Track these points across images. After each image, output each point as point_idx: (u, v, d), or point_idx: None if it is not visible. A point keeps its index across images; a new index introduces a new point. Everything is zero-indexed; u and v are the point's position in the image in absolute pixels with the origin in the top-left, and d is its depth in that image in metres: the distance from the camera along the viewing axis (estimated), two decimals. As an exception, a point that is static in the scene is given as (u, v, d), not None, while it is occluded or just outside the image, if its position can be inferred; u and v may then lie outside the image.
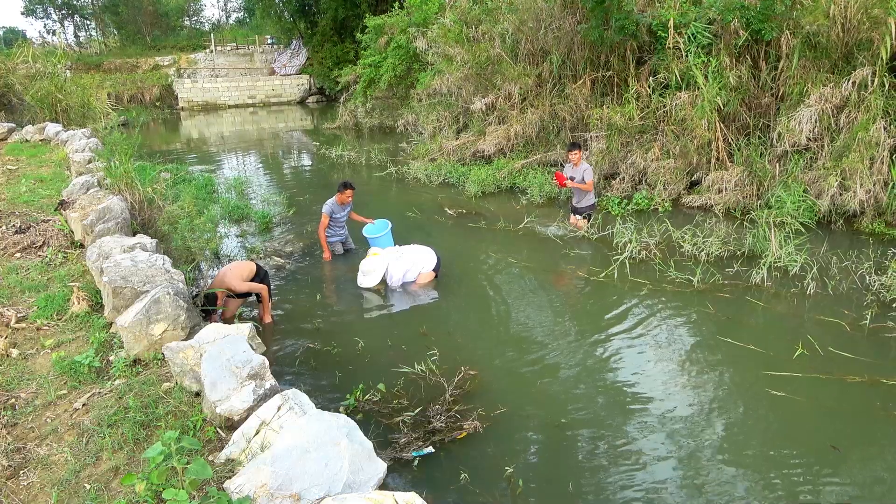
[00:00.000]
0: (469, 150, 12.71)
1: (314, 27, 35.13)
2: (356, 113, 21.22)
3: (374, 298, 6.52)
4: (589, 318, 5.96)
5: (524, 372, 4.97)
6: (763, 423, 4.22)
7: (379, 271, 6.53)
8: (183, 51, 38.46)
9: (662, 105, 9.91)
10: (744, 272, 6.58)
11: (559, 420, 4.27)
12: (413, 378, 4.78)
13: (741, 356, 5.05)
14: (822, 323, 5.52)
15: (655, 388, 4.65)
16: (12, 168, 10.43)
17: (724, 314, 5.79)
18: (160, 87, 33.28)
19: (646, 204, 9.25)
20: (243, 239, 8.57)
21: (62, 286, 5.16)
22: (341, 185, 7.54)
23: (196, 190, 10.63)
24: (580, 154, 8.27)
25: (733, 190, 8.80)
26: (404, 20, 18.03)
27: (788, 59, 9.06)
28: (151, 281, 4.39)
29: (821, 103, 8.39)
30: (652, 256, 7.14)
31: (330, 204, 7.46)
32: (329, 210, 7.44)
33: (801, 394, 4.44)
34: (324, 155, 15.96)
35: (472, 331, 5.78)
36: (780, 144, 8.77)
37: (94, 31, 50.46)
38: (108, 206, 6.05)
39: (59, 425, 3.33)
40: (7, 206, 7.75)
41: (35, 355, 4.13)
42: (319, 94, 35.45)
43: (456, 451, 3.91)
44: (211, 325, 3.96)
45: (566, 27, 11.59)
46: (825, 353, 4.96)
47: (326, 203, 7.47)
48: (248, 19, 52.43)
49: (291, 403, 3.05)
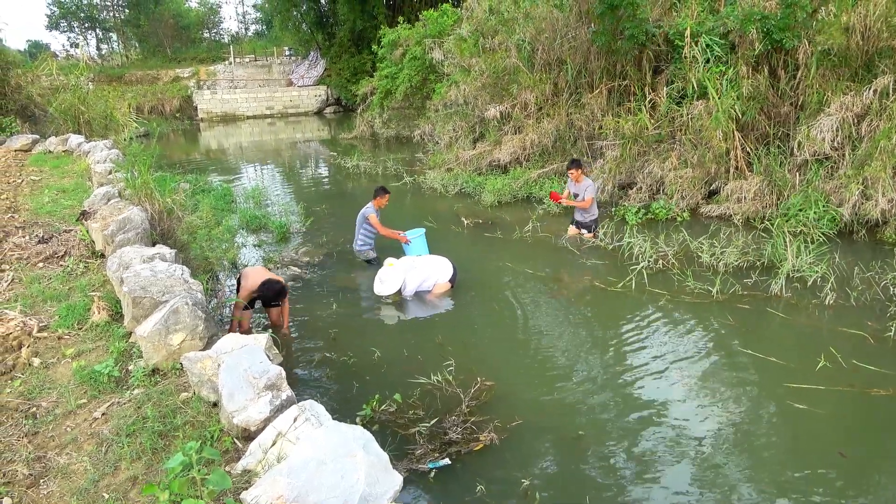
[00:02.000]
0: (485, 160, 12.72)
1: (332, 39, 35.48)
2: (373, 123, 21.34)
3: (390, 308, 6.54)
4: (606, 329, 5.91)
5: (541, 383, 4.94)
6: (786, 437, 4.15)
7: (396, 280, 6.53)
8: (202, 63, 38.99)
9: (679, 114, 9.87)
10: (763, 283, 6.51)
11: (576, 432, 4.24)
12: (429, 388, 4.77)
13: (762, 368, 4.97)
14: (845, 335, 5.43)
15: (674, 400, 4.59)
16: (36, 179, 10.62)
17: (744, 325, 5.71)
18: (180, 98, 33.74)
19: (663, 213, 9.19)
20: (261, 249, 8.63)
21: (83, 296, 5.22)
22: (380, 189, 7.68)
23: (214, 200, 10.74)
24: (579, 172, 8.25)
25: (752, 199, 8.70)
26: (420, 32, 18.15)
27: (807, 68, 8.99)
28: (170, 291, 4.43)
29: (841, 112, 8.31)
30: (670, 266, 7.09)
31: (372, 208, 7.56)
32: (375, 212, 7.55)
33: (825, 407, 4.37)
34: (340, 165, 16.06)
35: (489, 341, 5.76)
36: (800, 153, 8.68)
37: (115, 43, 51.34)
38: (128, 217, 6.13)
39: (79, 434, 3.36)
40: (30, 217, 7.88)
41: (56, 364, 4.18)
42: (336, 104, 35.72)
43: (472, 462, 3.89)
44: (229, 335, 3.98)
45: (582, 37, 11.60)
46: (848, 366, 4.88)
47: (368, 209, 7.56)
48: (267, 31, 53.08)
49: (308, 414, 3.05)
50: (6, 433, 3.39)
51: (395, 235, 7.71)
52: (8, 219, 7.75)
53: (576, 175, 8.25)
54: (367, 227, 7.61)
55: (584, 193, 8.20)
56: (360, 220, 7.64)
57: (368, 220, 7.54)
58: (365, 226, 7.61)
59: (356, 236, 7.73)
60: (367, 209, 7.58)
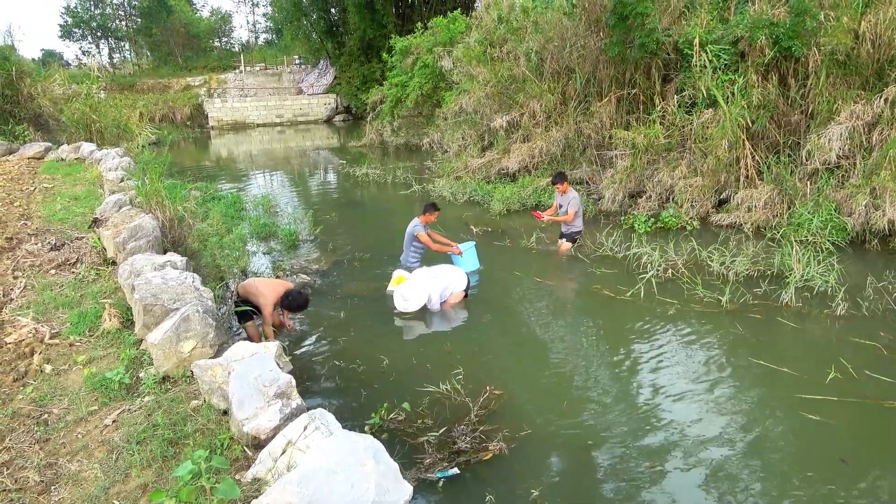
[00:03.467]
0: (494, 168, 12.74)
1: (341, 47, 35.75)
2: (382, 131, 21.44)
3: (399, 316, 6.53)
4: (615, 338, 5.89)
5: (550, 392, 4.93)
6: (800, 449, 4.11)
7: (421, 296, 6.37)
8: (213, 71, 39.37)
9: (689, 122, 9.85)
10: (774, 292, 6.47)
11: (586, 442, 4.22)
12: (438, 397, 4.77)
13: (773, 378, 4.94)
14: (857, 345, 5.39)
15: (685, 410, 4.56)
16: (48, 186, 10.71)
17: (754, 335, 5.68)
18: (191, 106, 34.06)
19: (673, 222, 9.16)
20: (270, 256, 8.66)
21: (94, 303, 5.25)
22: (430, 206, 7.56)
23: (225, 208, 10.81)
24: (565, 185, 8.18)
25: (763, 208, 8.67)
26: (430, 40, 18.24)
27: (817, 76, 8.96)
28: (181, 298, 4.45)
29: (852, 120, 8.26)
30: (679, 275, 7.06)
31: (421, 225, 7.44)
32: (424, 229, 7.44)
33: (837, 418, 4.32)
34: (349, 173, 16.13)
35: (498, 350, 5.75)
36: (810, 162, 8.64)
37: (128, 52, 51.91)
38: (139, 225, 6.17)
39: (90, 441, 3.38)
40: (43, 224, 7.94)
41: (67, 371, 4.20)
42: (346, 112, 35.95)
43: (481, 472, 3.88)
44: (239, 342, 4.00)
45: (591, 45, 11.62)
46: (860, 377, 4.84)
47: (417, 227, 7.43)
48: (277, 40, 53.48)
49: (318, 423, 3.05)
50: (18, 439, 3.41)
51: (446, 248, 7.62)
52: (21, 226, 7.82)
53: (562, 188, 8.19)
54: (416, 244, 7.51)
55: (567, 206, 8.14)
56: (409, 237, 7.52)
57: (418, 237, 7.44)
58: (414, 243, 7.51)
59: (405, 252, 7.61)
60: (415, 227, 7.45)
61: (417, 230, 7.42)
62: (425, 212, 7.52)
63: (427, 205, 7.62)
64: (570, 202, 8.14)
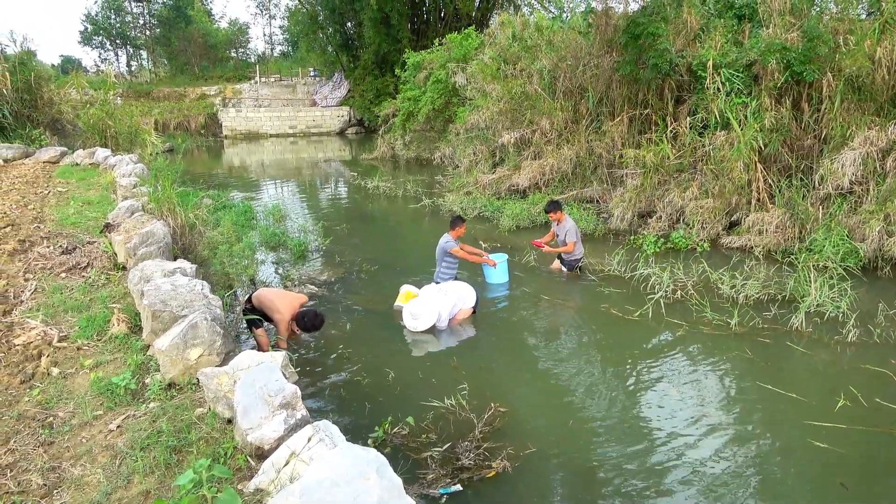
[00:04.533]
0: (504, 184, 12.76)
1: (356, 61, 36.10)
2: (394, 145, 21.55)
3: (407, 330, 6.51)
4: (622, 358, 5.85)
5: (555, 411, 4.89)
6: (807, 476, 4.05)
7: (431, 314, 6.34)
8: (229, 81, 39.82)
9: (701, 144, 9.84)
10: (783, 316, 6.41)
11: (590, 463, 4.18)
12: (442, 412, 4.74)
13: (780, 404, 4.88)
14: (868, 372, 5.32)
15: (691, 434, 4.51)
16: (62, 190, 10.82)
17: (763, 359, 5.62)
18: (205, 115, 34.42)
19: (683, 243, 9.12)
20: (279, 266, 8.68)
21: (103, 307, 5.28)
22: (456, 219, 7.61)
23: (235, 216, 10.86)
24: (560, 214, 8.02)
25: (774, 232, 8.61)
26: (443, 55, 18.36)
27: (831, 101, 8.94)
28: (190, 306, 4.47)
29: (866, 146, 8.23)
30: (688, 297, 7.02)
31: (452, 241, 7.41)
32: (455, 243, 7.42)
33: (847, 447, 4.25)
34: (360, 185, 16.20)
35: (504, 366, 5.72)
36: (822, 187, 8.60)
37: (145, 60, 52.60)
38: (151, 231, 6.21)
39: (94, 446, 3.38)
40: (55, 227, 8.01)
41: (74, 375, 4.21)
42: (359, 125, 36.19)
43: (484, 490, 3.85)
44: (246, 351, 4.00)
45: (604, 65, 11.67)
46: (870, 404, 4.77)
47: (448, 242, 7.39)
48: (293, 52, 54.06)
49: (322, 435, 3.04)
50: (23, 441, 3.42)
51: (480, 259, 7.66)
52: (34, 229, 7.89)
53: (556, 216, 8.03)
54: (448, 259, 7.45)
55: (564, 236, 7.97)
56: (441, 253, 7.45)
57: (451, 252, 7.38)
58: (446, 258, 7.45)
59: (438, 269, 7.55)
60: (446, 242, 7.40)
61: (450, 245, 7.37)
62: (454, 226, 7.52)
63: (454, 218, 7.66)
64: (566, 232, 7.95)
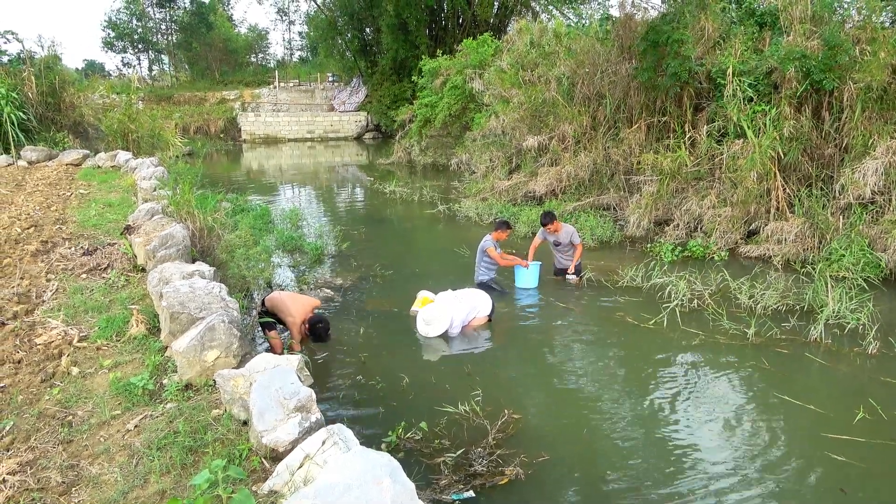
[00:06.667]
0: (520, 191, 12.75)
1: (374, 66, 36.28)
2: (410, 150, 21.62)
3: (421, 335, 6.52)
4: (637, 366, 5.81)
5: (569, 419, 4.87)
6: (827, 492, 4.00)
7: (444, 320, 6.36)
8: (248, 86, 40.15)
9: (719, 152, 9.77)
10: (802, 327, 6.33)
11: (604, 472, 4.15)
12: (456, 418, 4.74)
13: (798, 416, 4.82)
14: (888, 385, 5.24)
15: (706, 445, 4.47)
16: (84, 192, 10.99)
17: (781, 370, 5.56)
18: (225, 119, 34.77)
19: (700, 252, 9.05)
20: (295, 269, 8.74)
21: (123, 308, 5.35)
22: (502, 223, 7.85)
23: (253, 220, 10.96)
24: (556, 224, 7.97)
25: (793, 241, 8.52)
26: (461, 62, 18.41)
27: (852, 110, 8.85)
28: (207, 308, 4.52)
29: (888, 156, 8.12)
30: (705, 306, 6.96)
31: (491, 241, 7.64)
32: (493, 245, 7.63)
33: (867, 461, 4.19)
34: (377, 190, 16.27)
35: (518, 373, 5.71)
36: (843, 196, 8.50)
37: (166, 65, 53.26)
38: (170, 233, 6.29)
39: (112, 445, 3.43)
40: (77, 229, 8.14)
41: (93, 374, 4.28)
42: (376, 130, 36.34)
43: (497, 496, 3.84)
44: (262, 354, 4.04)
45: (622, 72, 11.64)
46: (889, 418, 4.70)
47: (487, 242, 7.62)
48: (312, 57, 54.45)
49: (336, 438, 3.06)
50: (42, 439, 3.48)
51: (514, 262, 7.82)
52: (56, 230, 8.03)
53: (553, 227, 7.97)
54: (486, 260, 7.70)
55: (570, 238, 7.97)
56: (480, 253, 7.74)
57: (487, 252, 7.62)
58: (485, 259, 7.70)
59: (477, 269, 7.82)
60: (486, 242, 7.66)
61: (487, 245, 7.62)
62: (497, 228, 7.81)
63: (500, 221, 7.96)
64: (571, 235, 7.98)
